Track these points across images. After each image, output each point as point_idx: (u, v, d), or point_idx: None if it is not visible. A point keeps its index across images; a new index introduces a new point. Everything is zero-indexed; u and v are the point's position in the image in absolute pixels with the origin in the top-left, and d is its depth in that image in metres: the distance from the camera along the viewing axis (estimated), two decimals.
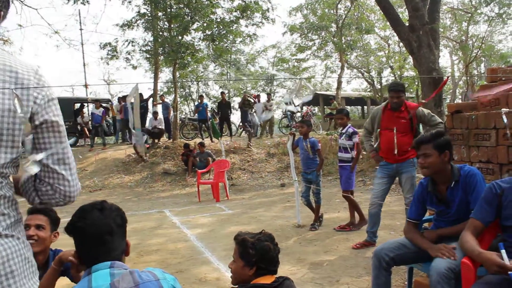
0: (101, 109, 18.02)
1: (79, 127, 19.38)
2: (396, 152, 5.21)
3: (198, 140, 17.18)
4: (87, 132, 18.41)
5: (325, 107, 28.86)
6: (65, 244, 3.06)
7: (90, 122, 18.00)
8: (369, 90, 30.86)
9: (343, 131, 6.70)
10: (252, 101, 18.52)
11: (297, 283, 4.42)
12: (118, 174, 15.22)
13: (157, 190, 13.79)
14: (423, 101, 5.09)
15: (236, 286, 2.32)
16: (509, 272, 2.30)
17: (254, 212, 9.00)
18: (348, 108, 31.67)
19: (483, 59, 27.43)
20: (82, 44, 27.48)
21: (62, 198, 1.64)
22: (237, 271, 2.35)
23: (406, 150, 5.22)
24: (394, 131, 5.22)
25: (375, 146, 5.66)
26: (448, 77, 22.54)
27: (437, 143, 3.07)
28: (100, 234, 1.71)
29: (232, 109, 19.84)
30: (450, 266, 2.72)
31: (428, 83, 10.03)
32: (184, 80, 27.19)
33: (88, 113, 20.03)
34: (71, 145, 19.00)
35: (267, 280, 2.26)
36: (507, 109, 3.78)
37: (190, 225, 8.05)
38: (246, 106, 17.95)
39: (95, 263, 1.68)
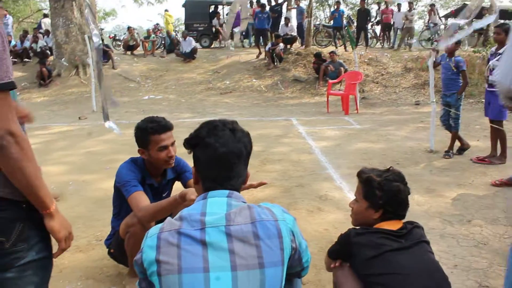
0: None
1: (213, 29, 19.73)
2: None
3: (331, 48, 16.60)
4: (223, 34, 18.68)
5: (474, 19, 25.90)
6: None
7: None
8: None
9: (500, 51, 5.74)
10: None
11: (422, 216, 4.15)
12: (249, 78, 15.41)
13: (286, 97, 13.78)
14: None
15: (358, 227, 2.12)
16: None
17: (384, 129, 8.58)
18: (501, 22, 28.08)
19: None
20: None
21: None
22: (359, 212, 2.13)
23: None
24: None
25: None
26: None
27: None
28: (229, 156, 1.56)
29: (371, 18, 18.41)
30: None
31: None
32: None
33: (223, 16, 20.19)
34: (206, 47, 19.57)
35: (394, 225, 2.02)
36: None
37: (315, 137, 7.94)
38: None
39: (214, 187, 1.57)
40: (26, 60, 17.49)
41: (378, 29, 19.83)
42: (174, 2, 41.86)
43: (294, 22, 18.22)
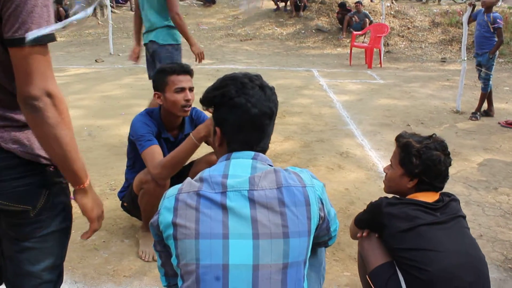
0: None
1: None
2: None
3: None
4: None
5: None
6: None
7: None
8: None
9: None
10: None
11: None
12: (270, 25, 14.97)
13: (308, 46, 13.39)
14: None
15: (391, 195, 1.96)
16: None
17: (408, 86, 8.28)
18: None
19: None
20: None
21: None
22: (393, 179, 1.97)
23: None
24: None
25: None
26: None
27: None
28: (262, 118, 1.42)
29: None
30: None
31: None
32: None
33: None
34: None
35: (429, 197, 1.86)
36: None
37: (337, 90, 7.71)
38: None
39: (241, 149, 1.44)
40: None
41: None
42: None
43: None
